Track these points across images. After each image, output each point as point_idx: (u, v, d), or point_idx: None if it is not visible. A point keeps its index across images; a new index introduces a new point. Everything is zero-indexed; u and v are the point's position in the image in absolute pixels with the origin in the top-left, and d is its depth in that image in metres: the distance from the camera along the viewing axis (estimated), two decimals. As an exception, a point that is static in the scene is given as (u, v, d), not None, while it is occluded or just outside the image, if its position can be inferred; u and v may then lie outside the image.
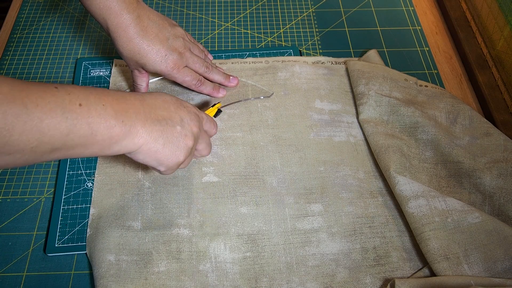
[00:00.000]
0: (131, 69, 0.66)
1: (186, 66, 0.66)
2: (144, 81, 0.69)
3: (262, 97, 0.71)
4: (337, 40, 0.81)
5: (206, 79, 0.69)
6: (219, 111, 0.67)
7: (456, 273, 0.53)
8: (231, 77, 0.71)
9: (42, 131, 0.39)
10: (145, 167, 0.63)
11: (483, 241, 0.55)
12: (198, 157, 0.63)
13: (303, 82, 0.73)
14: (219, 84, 0.71)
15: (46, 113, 0.40)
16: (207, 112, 0.65)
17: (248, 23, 0.83)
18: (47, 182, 0.63)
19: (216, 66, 0.72)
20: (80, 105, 0.42)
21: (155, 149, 0.49)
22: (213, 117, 0.65)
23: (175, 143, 0.51)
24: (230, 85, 0.72)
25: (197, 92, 0.70)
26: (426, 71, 0.77)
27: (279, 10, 0.85)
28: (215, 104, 0.66)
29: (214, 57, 0.77)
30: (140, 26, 0.61)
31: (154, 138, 0.49)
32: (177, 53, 0.64)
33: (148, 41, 0.61)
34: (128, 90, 0.71)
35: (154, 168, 0.52)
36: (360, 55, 0.79)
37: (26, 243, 0.58)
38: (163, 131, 0.50)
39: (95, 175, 0.63)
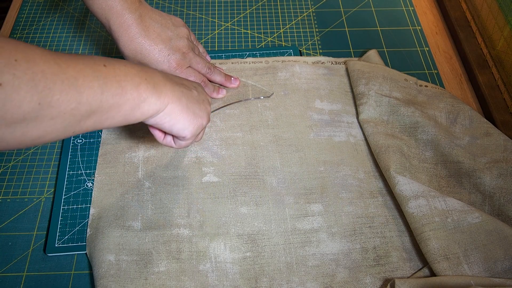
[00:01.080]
0: None
1: (189, 66, 0.66)
2: None
3: (262, 97, 0.71)
4: (337, 40, 0.81)
5: (207, 80, 0.70)
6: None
7: (456, 273, 0.53)
8: (232, 78, 0.72)
9: (79, 89, 0.40)
10: (145, 167, 0.63)
11: (483, 241, 0.55)
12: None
13: (303, 82, 0.73)
14: (220, 85, 0.71)
15: (79, 72, 0.40)
16: None
17: (248, 23, 0.83)
18: (47, 182, 0.63)
19: (216, 67, 0.72)
20: (104, 65, 0.43)
21: (180, 107, 0.50)
22: None
23: (197, 105, 0.52)
24: (231, 86, 0.72)
25: None
26: (426, 71, 0.77)
27: (279, 10, 0.85)
28: None
29: (214, 57, 0.77)
30: (142, 26, 0.61)
31: (178, 97, 0.50)
32: (180, 53, 0.64)
33: (150, 41, 0.61)
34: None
35: (178, 136, 0.52)
36: (360, 55, 0.79)
37: (26, 243, 0.58)
38: (183, 92, 0.51)
39: (95, 175, 0.63)
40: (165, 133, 0.55)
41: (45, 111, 0.38)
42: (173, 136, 0.54)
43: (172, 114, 0.50)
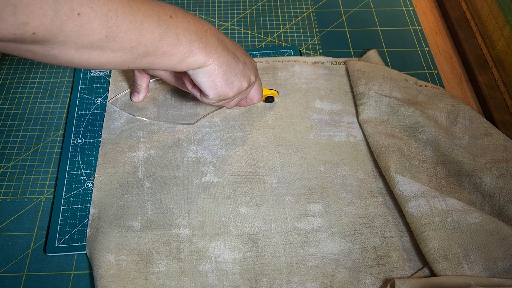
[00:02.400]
0: (133, 70, 0.67)
1: None
2: (144, 82, 0.69)
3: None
4: (337, 40, 0.81)
5: None
6: (270, 98, 0.70)
7: (456, 273, 0.53)
8: None
9: (142, 32, 0.45)
10: (145, 167, 0.63)
11: (483, 241, 0.55)
12: (248, 104, 0.67)
13: (303, 82, 0.73)
14: None
15: (146, 17, 0.45)
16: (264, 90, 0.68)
17: (248, 23, 0.83)
18: (47, 182, 0.63)
19: None
20: (170, 16, 0.48)
21: (216, 72, 0.53)
22: (265, 100, 0.70)
23: (233, 77, 0.55)
24: None
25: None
26: (426, 71, 0.77)
27: (279, 10, 0.85)
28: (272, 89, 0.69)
29: (214, 57, 0.77)
30: None
31: (220, 63, 0.53)
32: None
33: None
34: (128, 91, 0.72)
35: (203, 92, 0.56)
36: (360, 55, 0.79)
37: (26, 243, 0.58)
38: (229, 61, 0.54)
39: (95, 175, 0.63)
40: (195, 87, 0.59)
41: (109, 44, 0.43)
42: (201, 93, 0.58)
43: (206, 74, 0.53)
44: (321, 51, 0.79)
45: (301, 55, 0.79)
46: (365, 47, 0.80)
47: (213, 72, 0.53)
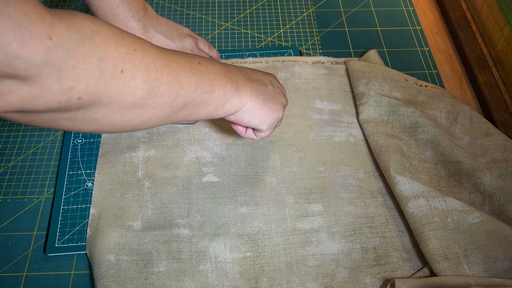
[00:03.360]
0: None
1: None
2: None
3: None
4: (337, 40, 0.81)
5: None
6: None
7: (456, 273, 0.53)
8: None
9: (179, 83, 0.43)
10: (145, 167, 0.63)
11: (483, 241, 0.55)
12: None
13: (303, 82, 0.73)
14: None
15: (180, 67, 0.44)
16: None
17: (248, 23, 0.83)
18: (47, 182, 0.63)
19: None
20: (199, 63, 0.47)
21: (257, 105, 0.53)
22: None
23: (273, 100, 0.55)
24: None
25: None
26: (426, 71, 0.77)
27: (279, 10, 0.85)
28: None
29: (214, 57, 0.77)
30: (145, 37, 0.61)
31: (255, 95, 0.53)
32: None
33: None
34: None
35: (256, 129, 0.56)
36: (360, 55, 0.79)
37: (26, 243, 0.58)
38: (260, 89, 0.54)
39: (95, 175, 0.63)
40: (246, 128, 0.58)
41: (151, 100, 0.41)
42: (253, 129, 0.57)
43: (250, 112, 0.53)
44: (321, 51, 0.79)
45: (301, 55, 0.78)
46: (365, 47, 0.80)
47: (253, 107, 0.53)
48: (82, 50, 0.34)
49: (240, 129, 0.58)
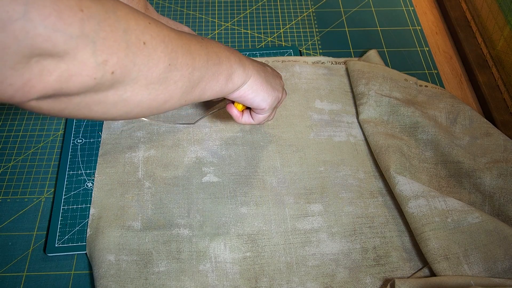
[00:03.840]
0: None
1: None
2: None
3: None
4: (337, 40, 0.81)
5: None
6: None
7: (456, 273, 0.53)
8: None
9: (192, 55, 0.44)
10: (145, 167, 0.63)
11: (483, 241, 0.55)
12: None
13: (303, 82, 0.73)
14: None
15: (190, 40, 0.45)
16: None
17: (248, 23, 0.83)
18: (47, 182, 0.63)
19: None
20: (202, 39, 0.48)
21: (260, 80, 0.54)
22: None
23: (273, 79, 0.56)
24: None
25: None
26: (426, 71, 0.77)
27: (279, 10, 0.85)
28: None
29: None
30: None
31: (257, 70, 0.54)
32: None
33: None
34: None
35: (255, 110, 0.57)
36: (360, 55, 0.79)
37: (26, 243, 0.58)
38: (260, 67, 0.55)
39: (95, 175, 0.63)
40: (242, 113, 0.59)
41: (172, 73, 0.42)
42: (250, 113, 0.58)
43: (254, 86, 0.53)
44: (321, 51, 0.79)
45: (301, 55, 0.78)
46: (365, 47, 0.80)
47: (257, 81, 0.53)
48: (110, 22, 0.35)
49: (236, 114, 0.58)
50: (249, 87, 0.53)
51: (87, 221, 0.59)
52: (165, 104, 0.44)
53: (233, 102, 0.57)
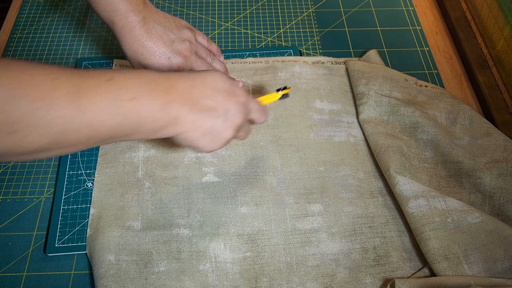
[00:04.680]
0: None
1: (190, 70, 0.66)
2: None
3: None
4: (337, 40, 0.81)
5: None
6: (286, 95, 0.60)
7: (456, 273, 0.53)
8: (235, 81, 0.71)
9: (94, 128, 0.41)
10: (145, 167, 0.63)
11: (483, 241, 0.55)
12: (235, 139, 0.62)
13: (303, 82, 0.73)
14: None
15: (100, 112, 0.41)
16: (271, 96, 0.60)
17: (248, 23, 0.83)
18: (47, 182, 0.63)
19: (224, 66, 0.71)
20: (131, 100, 0.44)
21: (191, 138, 0.50)
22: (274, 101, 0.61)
23: (214, 135, 0.51)
24: None
25: None
26: (426, 71, 0.77)
27: (279, 10, 0.85)
28: (282, 89, 0.60)
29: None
30: (145, 28, 0.61)
31: (194, 128, 0.49)
32: (182, 56, 0.63)
33: (152, 43, 0.62)
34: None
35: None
36: (360, 55, 0.79)
37: (26, 243, 0.58)
38: (204, 123, 0.49)
39: (95, 175, 0.63)
40: None
41: (57, 146, 0.41)
42: None
43: (182, 140, 0.50)
44: (321, 51, 0.79)
45: (301, 55, 0.78)
46: (365, 47, 0.80)
47: (188, 138, 0.50)
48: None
49: None
50: (176, 139, 0.50)
51: (87, 221, 0.59)
52: (64, 152, 0.43)
53: None
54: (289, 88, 0.60)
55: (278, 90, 0.60)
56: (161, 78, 0.48)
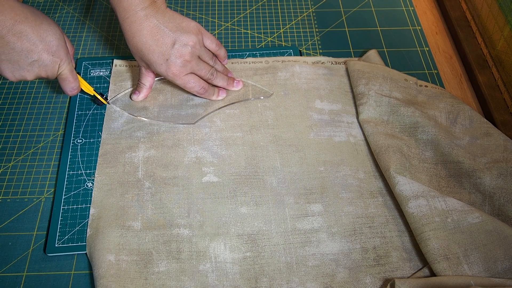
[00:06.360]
0: (139, 65, 0.67)
1: (191, 73, 0.66)
2: (148, 81, 0.69)
3: (262, 97, 0.71)
4: (337, 40, 0.81)
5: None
6: (97, 100, 0.69)
7: (456, 273, 0.53)
8: (235, 82, 0.71)
9: None
10: (145, 167, 0.63)
11: (483, 241, 0.55)
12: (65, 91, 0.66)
13: (303, 82, 0.73)
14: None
15: None
16: (88, 88, 0.67)
17: (248, 23, 0.83)
18: (47, 182, 0.63)
19: (220, 72, 0.71)
20: None
21: None
22: (93, 99, 0.70)
23: (14, 67, 0.56)
24: (234, 89, 0.72)
25: None
26: (426, 71, 0.77)
27: (279, 10, 0.85)
28: (100, 95, 0.69)
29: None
30: (145, 26, 0.61)
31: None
32: (182, 60, 0.63)
33: (151, 42, 0.62)
34: (128, 90, 0.72)
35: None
36: (360, 55, 0.79)
37: (26, 243, 0.58)
38: (11, 54, 0.55)
39: (95, 175, 0.63)
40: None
41: None
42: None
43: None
44: (321, 51, 0.79)
45: (301, 55, 0.79)
46: (365, 47, 0.80)
47: None
48: None
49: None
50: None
51: (87, 221, 0.59)
52: None
53: None
54: (106, 100, 0.69)
55: (101, 96, 0.69)
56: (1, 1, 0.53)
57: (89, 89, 0.67)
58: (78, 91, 0.64)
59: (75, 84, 0.63)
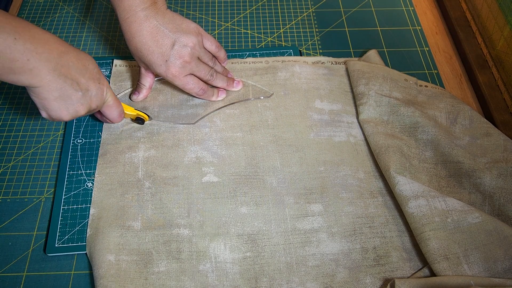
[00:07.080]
0: (139, 65, 0.67)
1: (190, 74, 0.66)
2: (147, 82, 0.69)
3: (262, 97, 0.71)
4: (337, 40, 0.81)
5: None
6: (141, 120, 0.67)
7: (456, 273, 0.53)
8: (235, 82, 0.71)
9: None
10: (145, 167, 0.63)
11: (483, 241, 0.55)
12: (106, 122, 0.67)
13: (303, 82, 0.73)
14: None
15: None
16: (131, 110, 0.66)
17: (248, 23, 0.83)
18: (47, 182, 0.63)
19: (220, 73, 0.71)
20: (15, 38, 0.47)
21: (45, 96, 0.52)
22: (135, 120, 0.67)
23: (67, 104, 0.54)
24: (233, 90, 0.72)
25: None
26: (426, 71, 0.77)
27: (279, 10, 0.85)
28: (143, 113, 0.67)
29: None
30: (145, 26, 0.61)
31: (51, 89, 0.52)
32: (181, 61, 0.63)
33: (151, 42, 0.62)
34: (129, 90, 0.72)
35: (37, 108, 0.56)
36: (360, 55, 0.79)
37: (26, 243, 0.58)
38: (63, 89, 0.53)
39: (95, 175, 0.63)
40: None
41: None
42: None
43: (35, 96, 0.52)
44: (321, 51, 0.79)
45: (301, 55, 0.79)
46: (365, 47, 0.80)
47: (41, 95, 0.52)
48: None
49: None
50: (31, 92, 0.52)
51: (87, 221, 0.59)
52: None
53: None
54: (149, 117, 0.67)
55: (140, 111, 0.67)
56: (38, 29, 0.51)
57: (131, 110, 0.66)
58: (124, 116, 0.64)
59: (121, 107, 0.63)
